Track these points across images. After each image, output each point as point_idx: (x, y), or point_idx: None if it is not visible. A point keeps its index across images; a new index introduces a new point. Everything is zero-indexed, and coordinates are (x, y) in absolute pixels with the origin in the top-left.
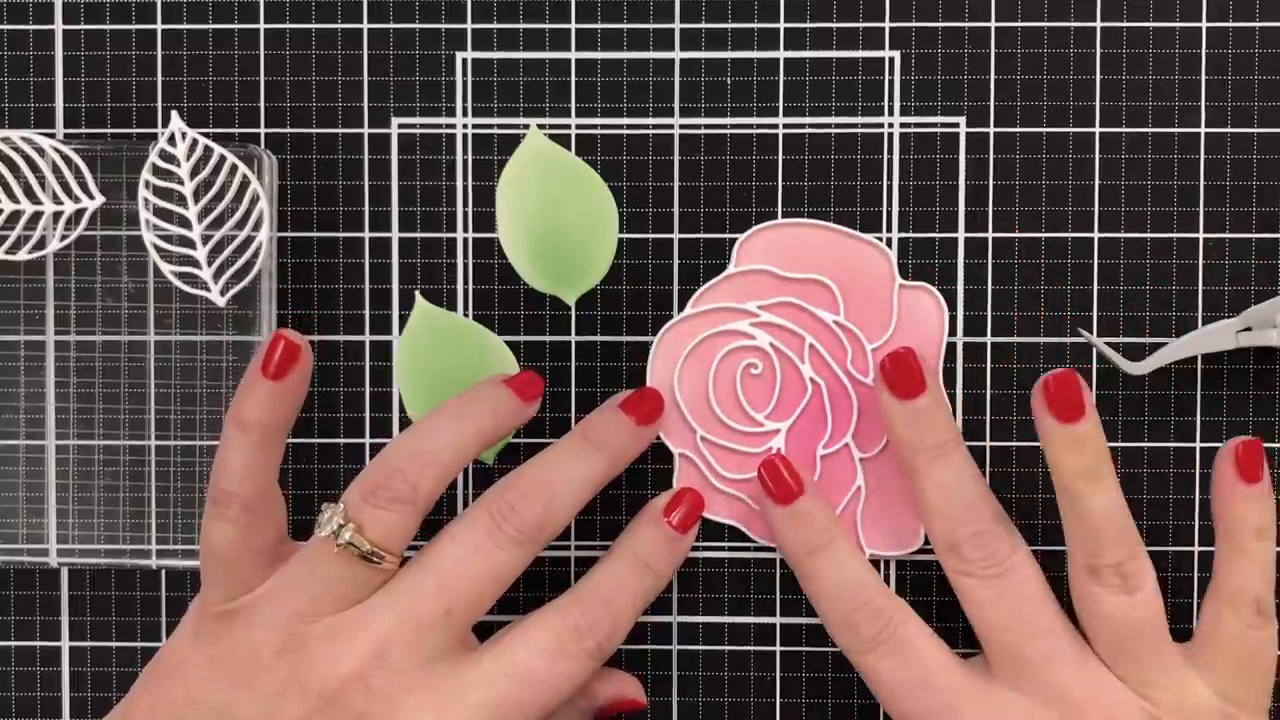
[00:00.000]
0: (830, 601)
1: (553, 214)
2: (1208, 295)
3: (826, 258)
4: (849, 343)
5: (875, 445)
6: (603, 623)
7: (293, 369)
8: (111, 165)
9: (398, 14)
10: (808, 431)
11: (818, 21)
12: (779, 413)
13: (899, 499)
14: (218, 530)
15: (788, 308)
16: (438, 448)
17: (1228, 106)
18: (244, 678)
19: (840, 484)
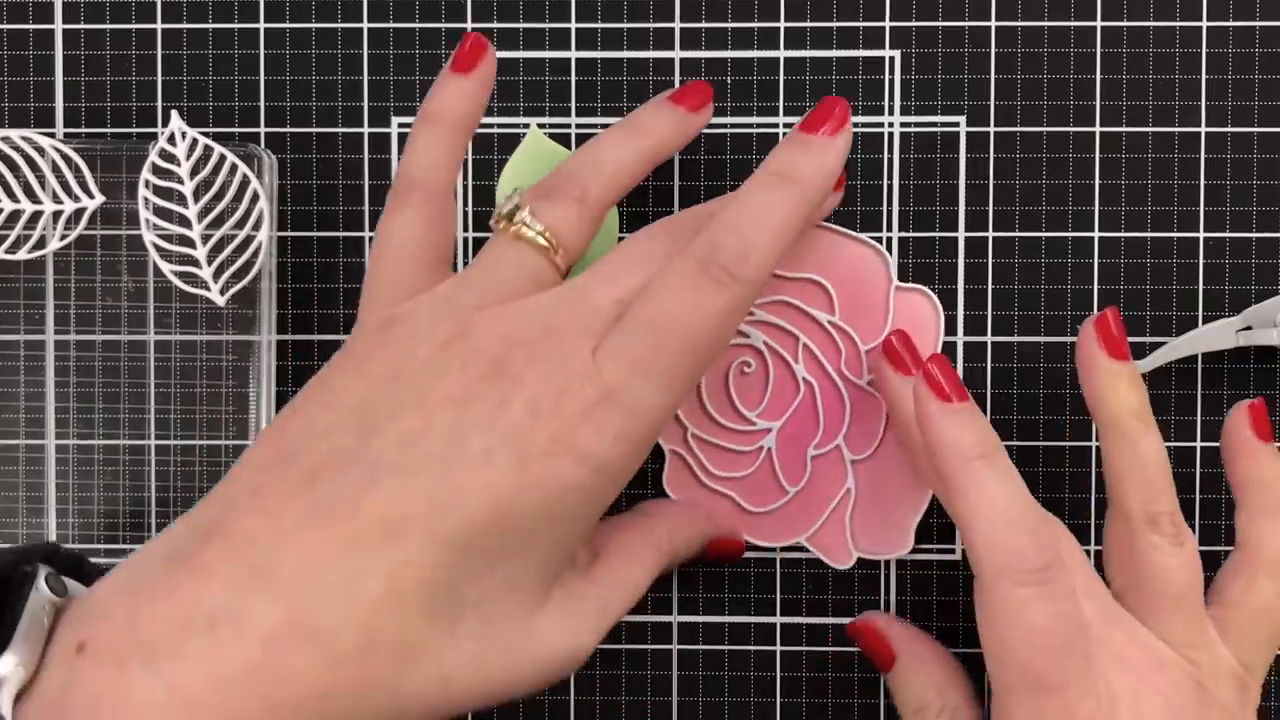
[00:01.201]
0: (988, 520)
1: None
2: (1208, 294)
3: (822, 257)
4: (843, 343)
5: (867, 447)
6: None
7: (480, 63)
8: (111, 165)
9: (398, 13)
10: (799, 432)
11: (818, 21)
12: (770, 412)
13: (890, 501)
14: (395, 221)
15: (782, 307)
16: (601, 160)
17: (1228, 106)
18: (392, 372)
19: (830, 485)
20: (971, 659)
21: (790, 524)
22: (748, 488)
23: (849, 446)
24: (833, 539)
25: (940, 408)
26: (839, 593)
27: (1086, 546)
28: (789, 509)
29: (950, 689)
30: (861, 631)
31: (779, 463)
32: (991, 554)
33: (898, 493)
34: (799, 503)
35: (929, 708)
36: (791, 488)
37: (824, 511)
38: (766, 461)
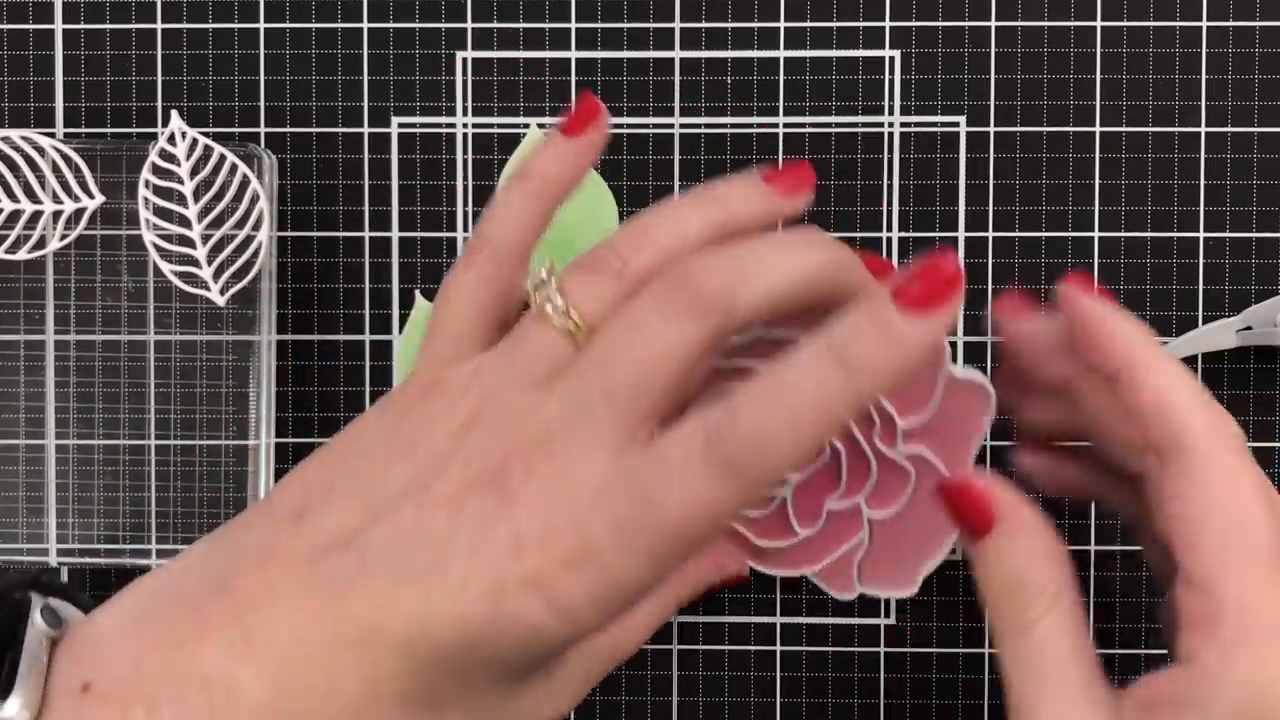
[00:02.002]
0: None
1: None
2: (1208, 294)
3: None
4: (878, 416)
5: (889, 508)
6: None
7: (588, 129)
8: (111, 165)
9: (398, 13)
10: (818, 487)
11: (818, 21)
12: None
13: (904, 551)
14: (458, 277)
15: None
16: (655, 226)
17: (1228, 106)
18: (409, 448)
19: (842, 534)
20: (973, 660)
21: (797, 560)
22: (758, 526)
23: (871, 506)
24: (838, 575)
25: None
26: None
27: (1086, 547)
28: (797, 548)
29: (1061, 568)
30: (955, 492)
31: (794, 509)
32: (1205, 421)
33: (914, 545)
34: (808, 544)
35: (1030, 587)
36: (803, 531)
37: (833, 555)
38: (780, 508)
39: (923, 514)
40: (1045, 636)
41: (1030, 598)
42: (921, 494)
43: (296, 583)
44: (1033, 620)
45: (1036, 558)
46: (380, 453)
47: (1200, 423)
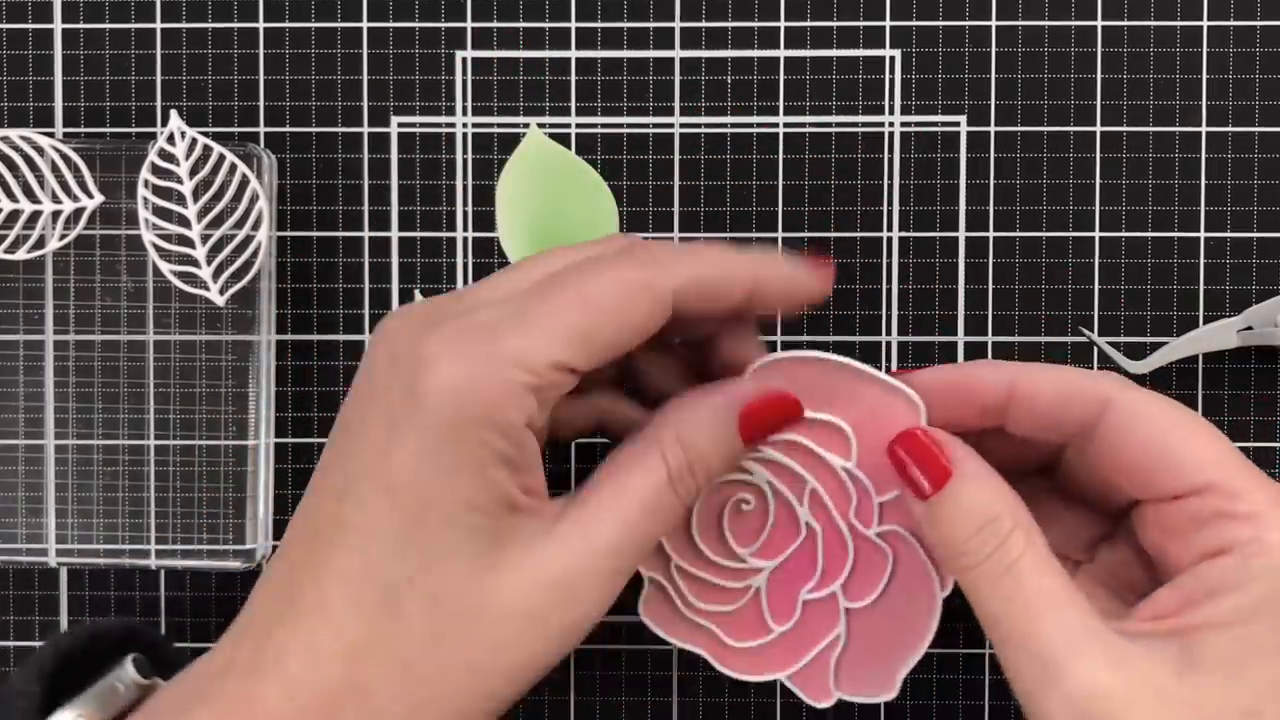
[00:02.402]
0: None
1: (553, 214)
2: (1209, 294)
3: (845, 397)
4: (855, 492)
5: (866, 597)
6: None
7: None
8: (110, 164)
9: (397, 13)
10: (794, 574)
11: (818, 20)
12: (766, 551)
13: (882, 650)
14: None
15: (794, 447)
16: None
17: (1229, 105)
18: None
19: (819, 629)
20: (974, 660)
21: (770, 661)
22: (730, 622)
23: (846, 594)
24: (814, 679)
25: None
26: None
27: None
28: (770, 646)
29: (1020, 507)
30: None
31: (767, 602)
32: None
33: (892, 642)
34: (782, 641)
35: (1002, 518)
36: (777, 627)
37: (808, 653)
38: (754, 600)
39: (901, 602)
40: (1032, 569)
41: (1005, 529)
42: (899, 579)
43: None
44: (1015, 555)
45: (1003, 493)
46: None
47: (1105, 380)
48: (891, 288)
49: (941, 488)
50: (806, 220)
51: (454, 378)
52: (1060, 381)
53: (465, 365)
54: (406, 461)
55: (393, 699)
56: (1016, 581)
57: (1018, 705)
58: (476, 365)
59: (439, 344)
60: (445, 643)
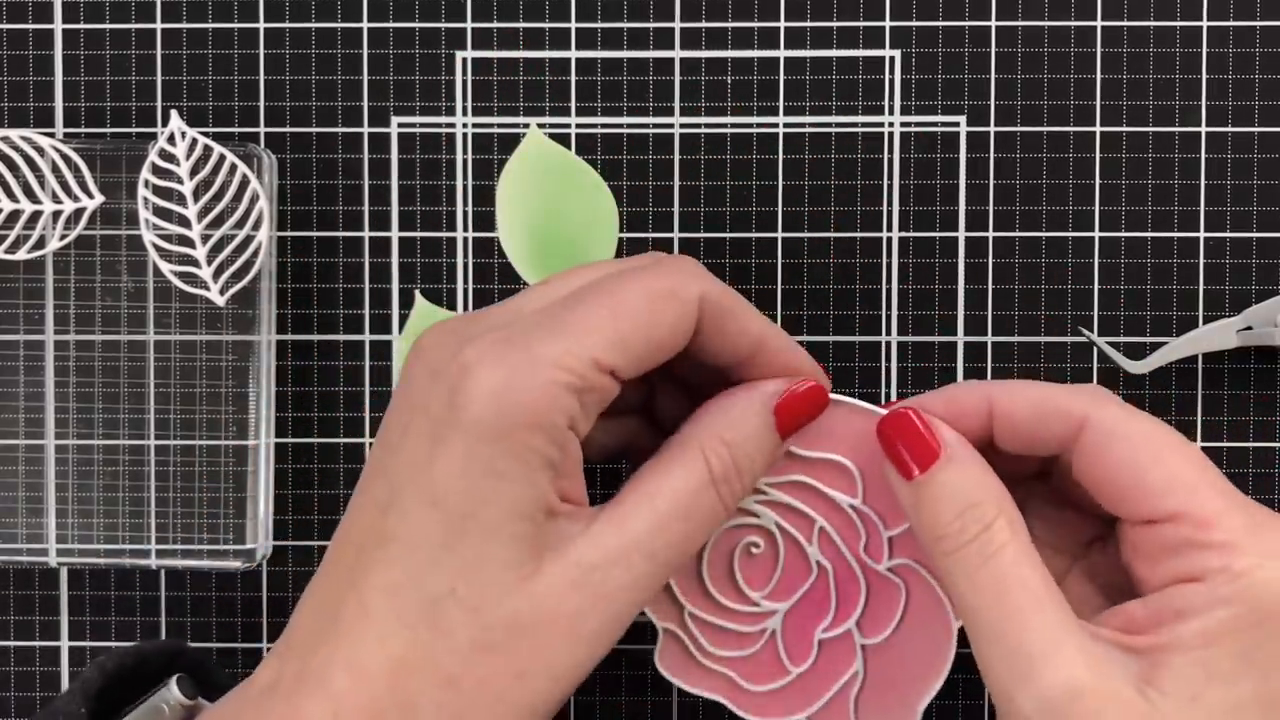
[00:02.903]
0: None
1: (553, 214)
2: (1208, 294)
3: (848, 436)
4: (865, 528)
5: (882, 631)
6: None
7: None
8: (111, 165)
9: (397, 13)
10: (808, 613)
11: (818, 20)
12: (779, 593)
13: (900, 684)
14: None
15: (799, 488)
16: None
17: (1229, 105)
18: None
19: (837, 667)
20: (974, 660)
21: (790, 702)
22: (747, 666)
23: (861, 630)
24: (835, 717)
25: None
26: None
27: None
28: (789, 688)
29: (1006, 498)
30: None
31: (783, 644)
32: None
33: (910, 674)
34: (801, 682)
35: (983, 505)
36: (795, 668)
37: (827, 693)
38: (770, 643)
39: (917, 635)
40: (1013, 563)
41: (989, 516)
42: (913, 611)
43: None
44: (997, 544)
45: (988, 481)
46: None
47: (1083, 396)
48: (891, 288)
49: (927, 469)
50: (806, 220)
51: (495, 383)
52: (1036, 399)
53: (506, 371)
54: (451, 469)
55: (437, 713)
56: (997, 573)
57: None
58: (517, 370)
59: (478, 353)
60: (488, 654)
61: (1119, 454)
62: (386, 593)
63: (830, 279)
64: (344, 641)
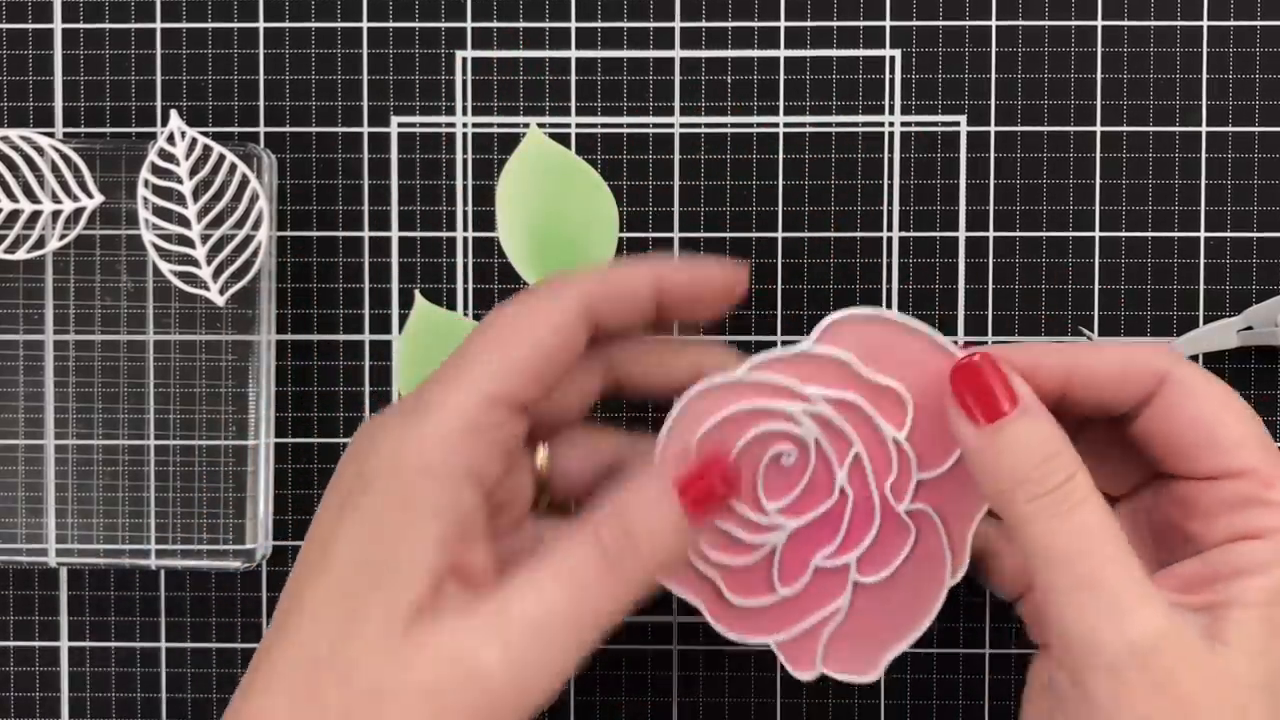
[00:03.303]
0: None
1: (553, 213)
2: (1209, 294)
3: (915, 367)
4: (898, 463)
5: (879, 572)
6: None
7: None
8: (110, 164)
9: (397, 12)
10: (813, 537)
11: (818, 20)
12: (793, 510)
13: (876, 631)
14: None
15: (849, 408)
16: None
17: (1229, 105)
18: None
19: (821, 599)
20: (974, 660)
21: (765, 623)
22: (736, 577)
23: (859, 567)
24: (803, 649)
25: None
26: None
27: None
28: (769, 610)
29: (1077, 454)
30: (982, 364)
31: (780, 562)
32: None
33: (889, 624)
34: (783, 606)
35: (1064, 456)
36: (782, 590)
37: (804, 623)
38: (766, 559)
39: (909, 585)
40: (1098, 513)
41: (1070, 467)
42: (914, 561)
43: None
44: (1083, 494)
45: (1063, 434)
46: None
47: (1162, 354)
48: (891, 288)
49: (999, 418)
50: (806, 220)
51: (392, 445)
52: (1122, 357)
53: (401, 431)
54: (348, 534)
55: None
56: (1088, 520)
57: (1017, 705)
58: (412, 427)
59: (382, 428)
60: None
61: (1196, 409)
62: (281, 661)
63: (830, 279)
64: (246, 711)
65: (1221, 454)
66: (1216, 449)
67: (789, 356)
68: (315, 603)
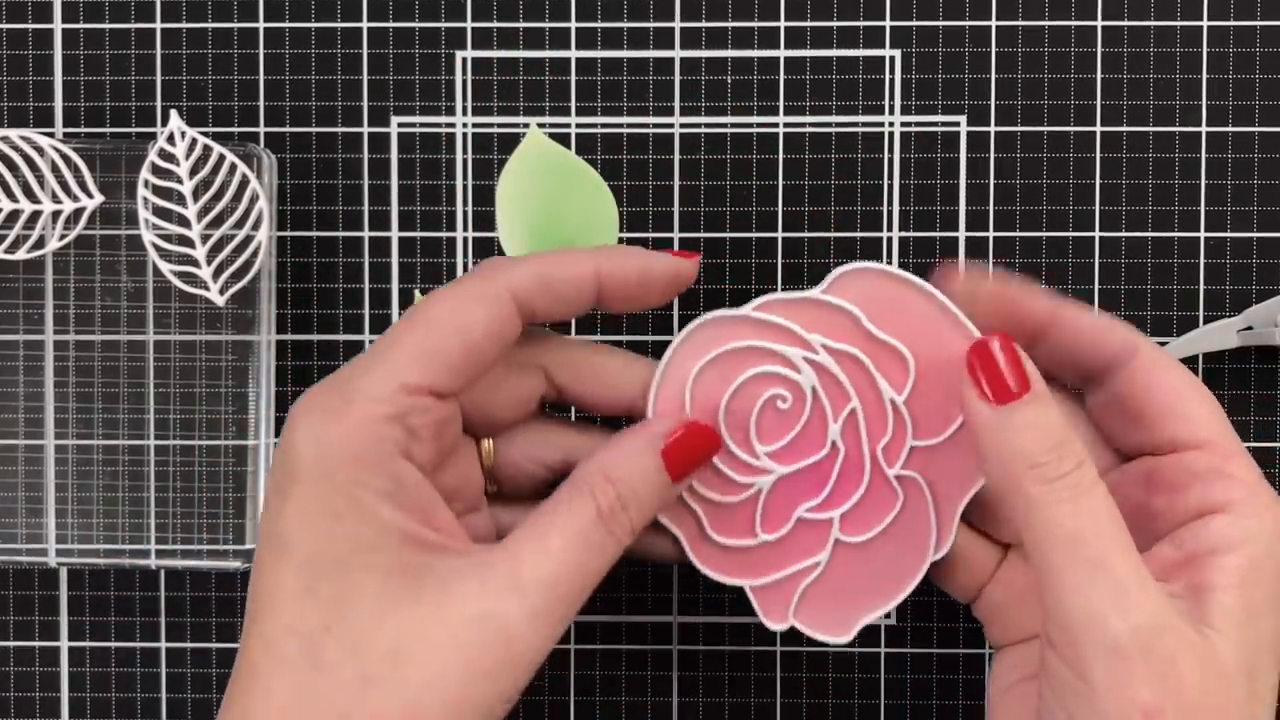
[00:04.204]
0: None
1: (553, 213)
2: (1209, 294)
3: (925, 330)
4: (893, 426)
5: (861, 534)
6: None
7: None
8: (110, 164)
9: (397, 12)
10: (800, 487)
11: (818, 20)
12: (782, 455)
13: (854, 592)
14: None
15: (852, 362)
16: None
17: (1229, 105)
18: None
19: (800, 552)
20: (973, 660)
21: (742, 566)
22: (719, 514)
23: (842, 525)
24: (777, 599)
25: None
26: None
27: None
28: (748, 553)
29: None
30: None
31: (763, 506)
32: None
33: (866, 587)
34: (762, 551)
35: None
36: (763, 535)
37: (781, 571)
38: (751, 500)
39: (891, 551)
40: (1106, 500)
41: (1081, 453)
42: (899, 527)
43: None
44: (1092, 481)
45: (1070, 421)
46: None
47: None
48: None
49: (1013, 400)
50: (806, 220)
51: (314, 430)
52: (1102, 322)
53: (322, 415)
54: (290, 519)
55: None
56: (1098, 505)
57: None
58: (333, 412)
59: (303, 406)
60: (376, 686)
61: (1167, 381)
62: (263, 643)
63: None
64: (236, 696)
65: (1185, 423)
66: (1180, 418)
67: (796, 300)
68: (286, 588)
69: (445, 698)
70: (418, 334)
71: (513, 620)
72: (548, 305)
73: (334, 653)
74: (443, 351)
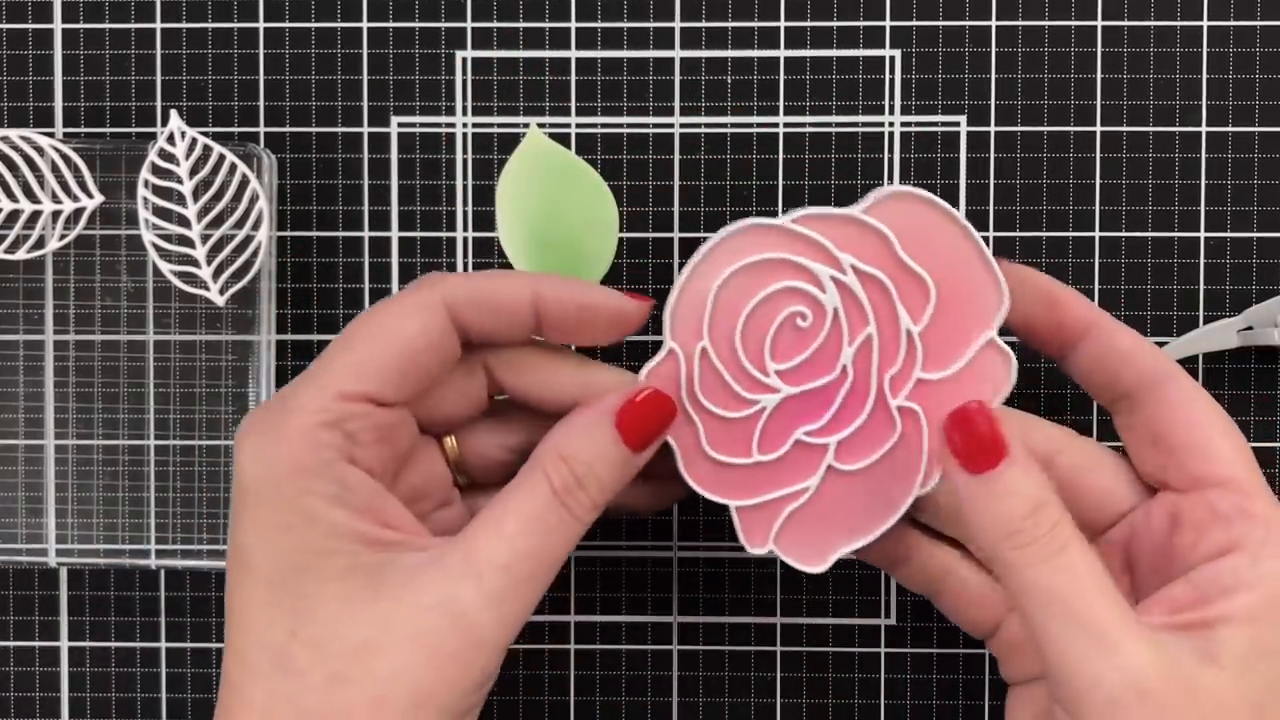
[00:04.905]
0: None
1: (553, 214)
2: (1209, 294)
3: (953, 265)
4: (905, 356)
5: (855, 462)
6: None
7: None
8: (110, 164)
9: (397, 12)
10: (802, 409)
11: (818, 20)
12: (792, 376)
13: (838, 521)
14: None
15: (875, 286)
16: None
17: (1229, 105)
18: None
19: (794, 474)
20: (973, 660)
21: (732, 483)
22: (718, 428)
23: (837, 453)
24: (760, 521)
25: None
26: (839, 593)
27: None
28: (740, 471)
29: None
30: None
31: (763, 426)
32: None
33: (849, 518)
34: (754, 471)
35: (1051, 505)
36: (759, 455)
37: (769, 494)
38: (753, 418)
39: (879, 482)
40: (1082, 555)
41: (1056, 515)
42: (891, 458)
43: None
44: (1067, 538)
45: (1048, 482)
46: None
47: (1166, 360)
48: None
49: (996, 465)
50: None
51: (256, 449)
52: (1139, 338)
53: (261, 431)
54: (248, 537)
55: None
56: (1073, 561)
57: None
58: (271, 426)
59: (245, 431)
60: (344, 683)
61: (1195, 414)
62: (236, 657)
63: None
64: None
65: (1210, 460)
66: (1206, 454)
67: (834, 216)
68: (253, 602)
69: (411, 687)
70: (352, 345)
71: (470, 605)
72: (481, 321)
73: (302, 657)
74: (376, 359)
